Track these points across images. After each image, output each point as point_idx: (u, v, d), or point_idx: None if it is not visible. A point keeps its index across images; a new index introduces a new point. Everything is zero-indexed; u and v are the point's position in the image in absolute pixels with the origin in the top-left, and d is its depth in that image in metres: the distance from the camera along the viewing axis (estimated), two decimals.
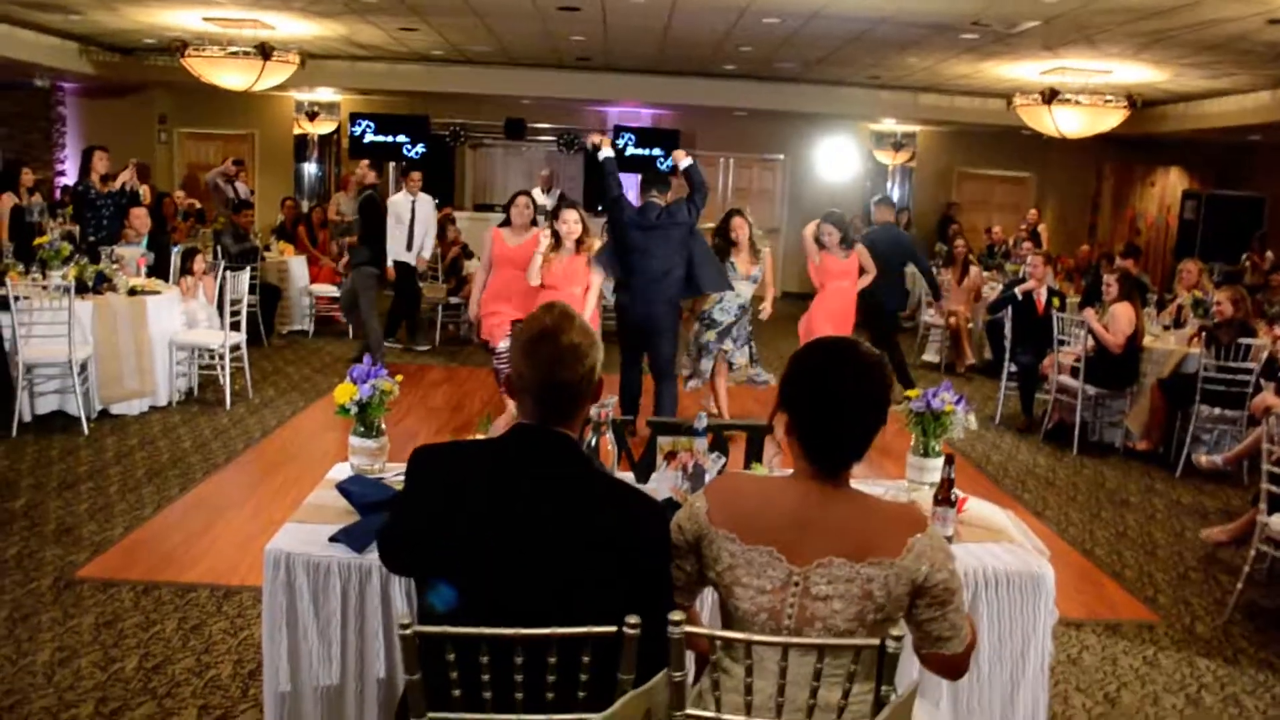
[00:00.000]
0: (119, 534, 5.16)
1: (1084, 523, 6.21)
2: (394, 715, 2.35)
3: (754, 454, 3.46)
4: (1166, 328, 8.18)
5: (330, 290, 11.11)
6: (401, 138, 14.24)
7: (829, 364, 2.13)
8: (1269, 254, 11.51)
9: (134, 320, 7.21)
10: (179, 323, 7.71)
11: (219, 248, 9.68)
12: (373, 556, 2.73)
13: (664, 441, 3.21)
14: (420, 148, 14.26)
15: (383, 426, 3.41)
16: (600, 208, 9.12)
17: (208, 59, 10.53)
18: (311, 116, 14.82)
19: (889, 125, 15.26)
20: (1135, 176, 15.61)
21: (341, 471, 3.42)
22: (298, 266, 10.98)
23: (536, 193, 14.16)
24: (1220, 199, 13.93)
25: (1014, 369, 8.52)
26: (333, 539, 2.79)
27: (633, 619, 1.95)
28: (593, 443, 3.20)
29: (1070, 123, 10.92)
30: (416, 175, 10.14)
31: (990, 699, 3.02)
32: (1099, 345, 7.51)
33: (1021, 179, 16.00)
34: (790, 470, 2.21)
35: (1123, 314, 7.45)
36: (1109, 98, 10.60)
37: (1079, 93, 10.66)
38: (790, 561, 2.07)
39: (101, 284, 7.27)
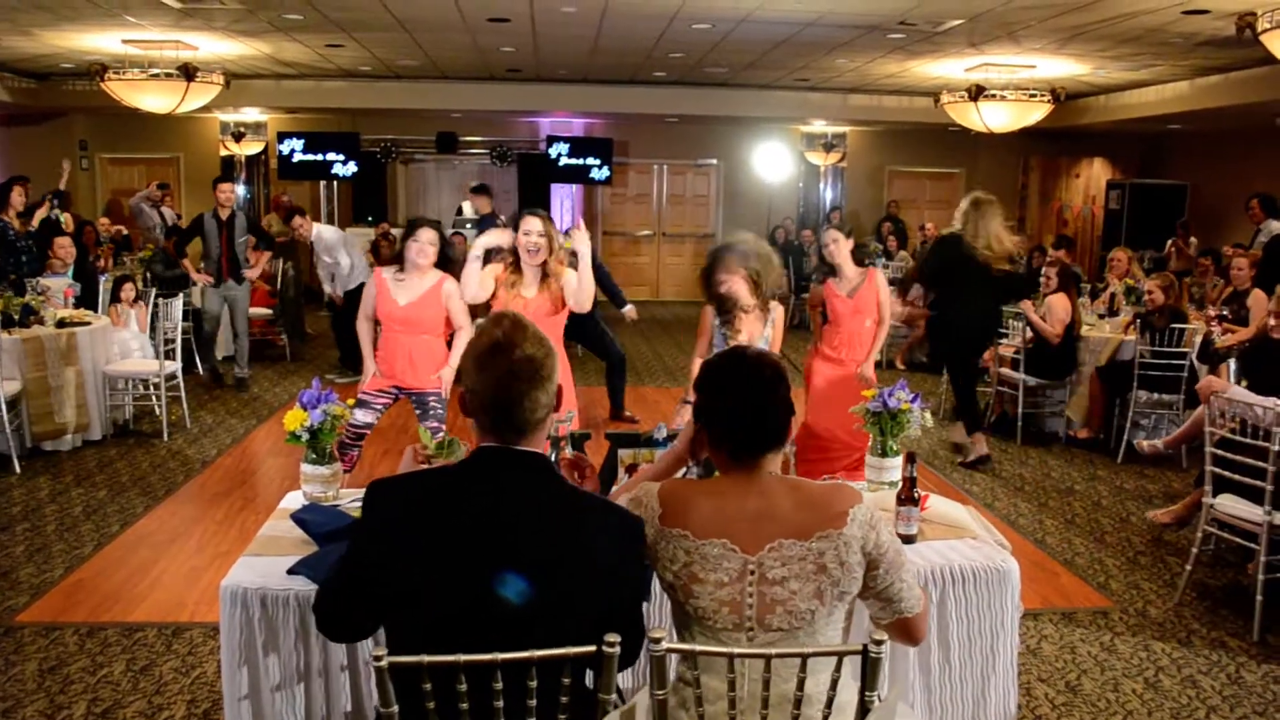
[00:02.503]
0: (59, 575, 4.99)
1: (1033, 513, 6.29)
2: None
3: (712, 465, 3.44)
4: (1101, 316, 8.34)
5: (265, 313, 10.90)
6: (332, 155, 14.04)
7: (729, 371, 2.27)
8: (1193, 239, 11.80)
9: (64, 353, 6.99)
10: (111, 353, 7.50)
11: (149, 275, 9.43)
12: None
13: (624, 454, 3.18)
14: (352, 165, 14.07)
15: (335, 453, 3.33)
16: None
17: (129, 82, 10.29)
18: (238, 137, 14.55)
19: (819, 126, 15.40)
20: (1060, 168, 15.93)
21: (294, 501, 3.33)
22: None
23: (465, 205, 14.07)
24: (1144, 187, 14.25)
25: None
26: (291, 571, 2.70)
27: (612, 637, 1.92)
28: (553, 458, 3.15)
29: (996, 118, 11.12)
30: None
31: (963, 695, 3.03)
32: (1037, 337, 7.63)
33: (951, 175, 16.25)
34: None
35: (1059, 305, 7.58)
36: (1033, 92, 10.80)
37: (1004, 88, 10.85)
38: (743, 551, 2.14)
39: (29, 317, 7.04)
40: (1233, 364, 5.55)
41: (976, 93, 10.83)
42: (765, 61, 11.55)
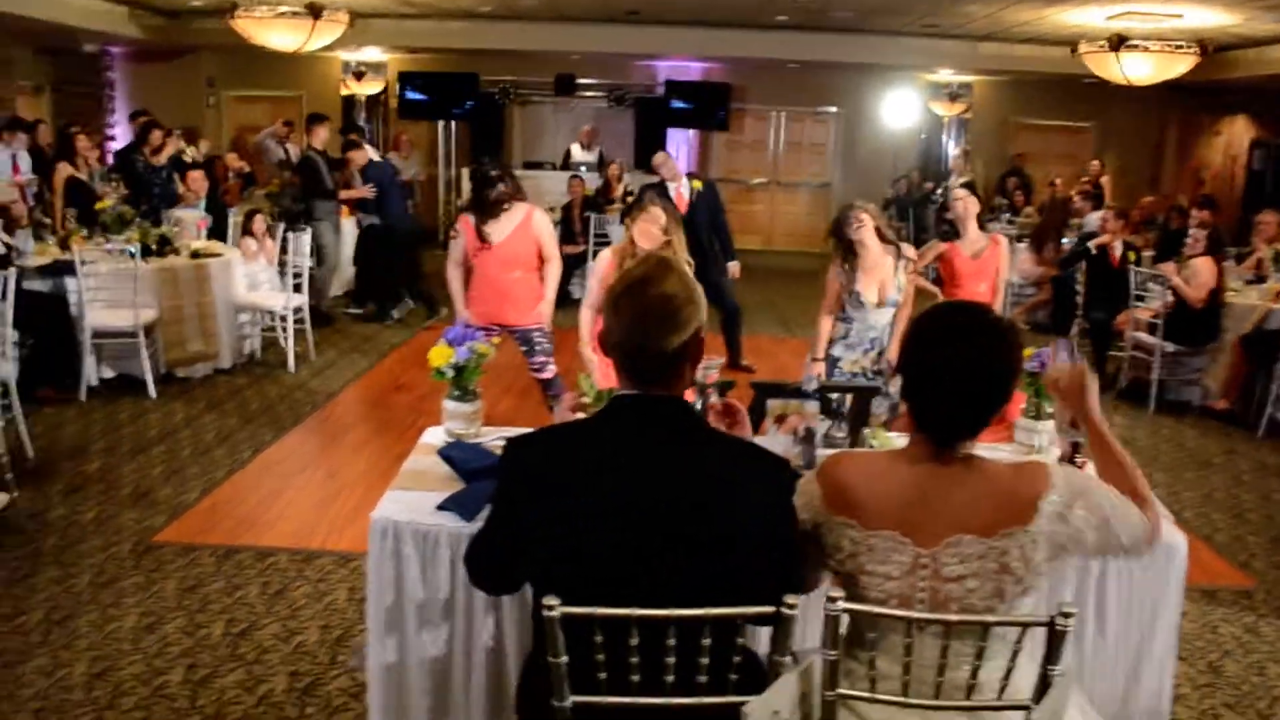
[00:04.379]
0: (194, 498, 5.15)
1: (1169, 485, 6.03)
2: (515, 693, 2.26)
3: (861, 419, 3.34)
4: (1249, 282, 7.90)
5: None
6: (450, 96, 14.08)
7: (944, 332, 2.01)
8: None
9: (198, 283, 7.17)
10: (241, 285, 7.67)
11: (278, 209, 9.60)
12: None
13: (774, 404, 3.10)
14: (469, 106, 14.10)
15: (478, 390, 3.32)
16: (651, 164, 8.91)
17: (257, 20, 10.40)
18: (359, 76, 14.69)
19: (944, 76, 14.88)
20: (1200, 125, 15.11)
21: (434, 436, 3.33)
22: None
23: (575, 148, 14.01)
24: None
25: (1086, 326, 8.29)
26: (441, 507, 2.70)
27: (792, 599, 1.85)
28: (700, 406, 3.09)
29: (1139, 70, 10.55)
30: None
31: (1114, 671, 2.90)
32: (1179, 301, 7.27)
33: (1081, 129, 15.55)
34: (905, 440, 2.11)
35: (1204, 268, 7.21)
36: (1179, 44, 10.23)
37: (1147, 38, 10.29)
38: (916, 544, 1.95)
39: (165, 247, 7.23)
40: None
41: (1118, 43, 10.29)
42: (893, 6, 11.15)
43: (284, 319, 7.65)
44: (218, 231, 8.55)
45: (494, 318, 5.29)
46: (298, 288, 7.73)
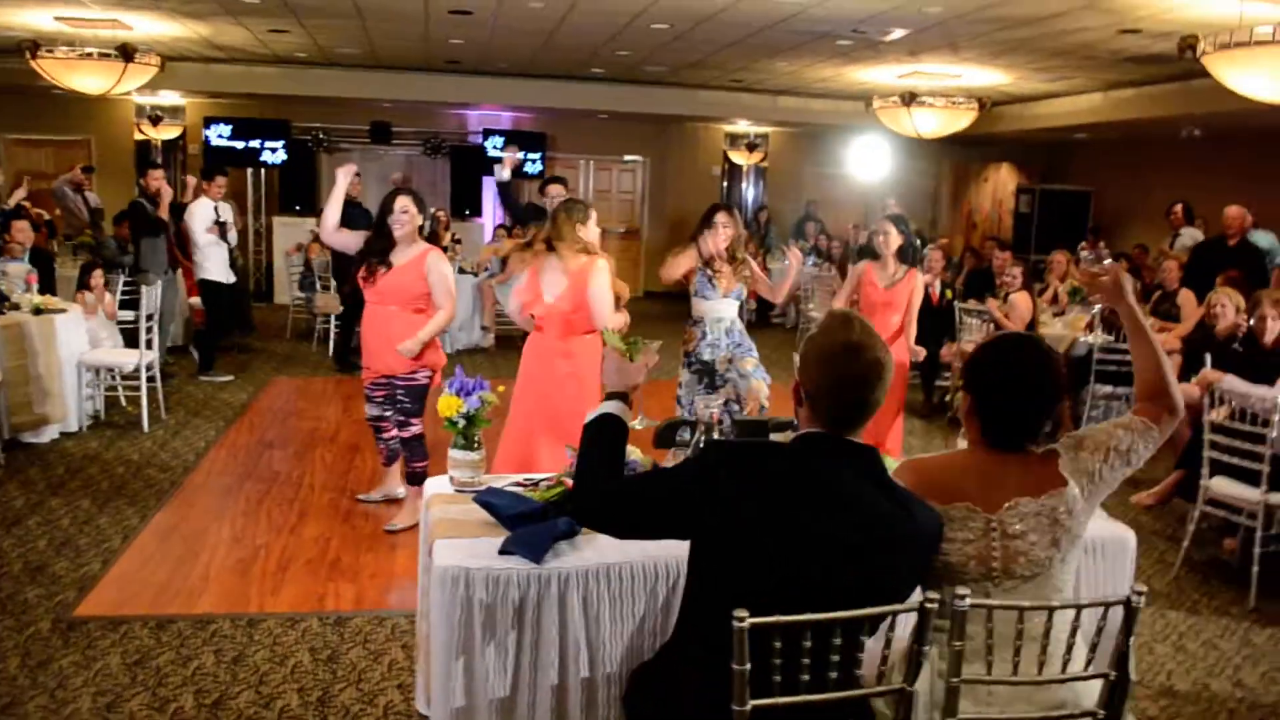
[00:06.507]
0: (98, 568, 4.86)
1: None
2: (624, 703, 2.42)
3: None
4: (1056, 315, 8.84)
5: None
6: (260, 142, 13.67)
7: (1015, 355, 2.47)
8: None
9: (44, 341, 6.74)
10: (84, 342, 7.24)
11: (102, 261, 9.08)
12: (551, 565, 2.75)
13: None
14: (281, 153, 13.73)
15: (481, 439, 3.40)
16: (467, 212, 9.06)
17: (62, 61, 9.86)
18: (155, 121, 14.03)
19: (743, 126, 15.72)
20: (970, 173, 16.64)
21: (440, 485, 3.39)
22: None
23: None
24: (1051, 193, 15.03)
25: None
26: (504, 551, 2.79)
27: (934, 595, 2.13)
28: (700, 441, 3.30)
29: (927, 124, 11.61)
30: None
31: None
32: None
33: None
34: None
35: (1022, 303, 8.03)
36: (960, 100, 11.33)
37: (930, 95, 11.34)
38: (985, 511, 2.39)
39: (3, 303, 6.76)
40: (1208, 358, 6.02)
41: (910, 99, 11.30)
42: (709, 62, 11.76)
43: (134, 376, 7.28)
44: (45, 285, 8.03)
45: (372, 366, 5.43)
46: (149, 343, 7.35)
